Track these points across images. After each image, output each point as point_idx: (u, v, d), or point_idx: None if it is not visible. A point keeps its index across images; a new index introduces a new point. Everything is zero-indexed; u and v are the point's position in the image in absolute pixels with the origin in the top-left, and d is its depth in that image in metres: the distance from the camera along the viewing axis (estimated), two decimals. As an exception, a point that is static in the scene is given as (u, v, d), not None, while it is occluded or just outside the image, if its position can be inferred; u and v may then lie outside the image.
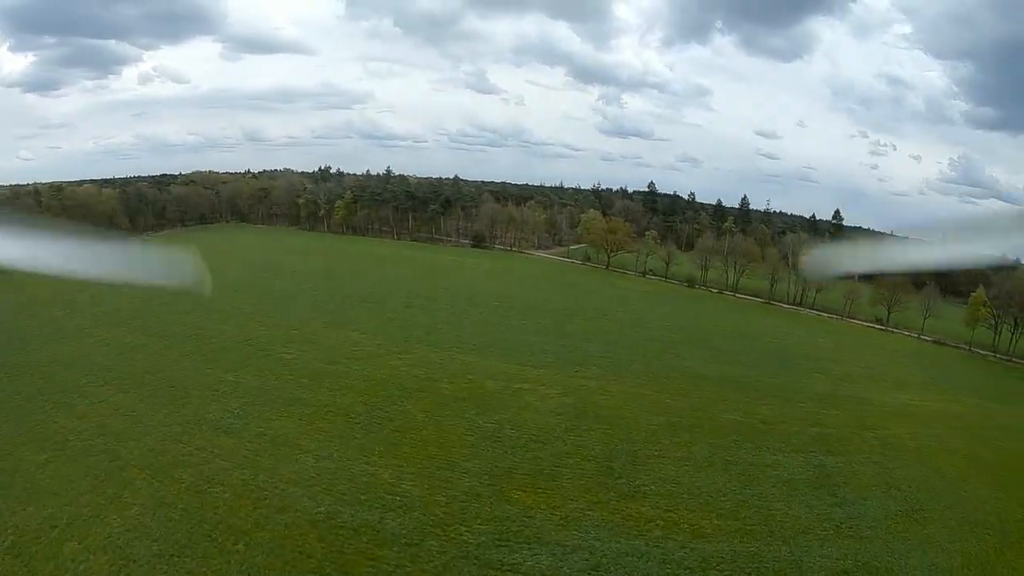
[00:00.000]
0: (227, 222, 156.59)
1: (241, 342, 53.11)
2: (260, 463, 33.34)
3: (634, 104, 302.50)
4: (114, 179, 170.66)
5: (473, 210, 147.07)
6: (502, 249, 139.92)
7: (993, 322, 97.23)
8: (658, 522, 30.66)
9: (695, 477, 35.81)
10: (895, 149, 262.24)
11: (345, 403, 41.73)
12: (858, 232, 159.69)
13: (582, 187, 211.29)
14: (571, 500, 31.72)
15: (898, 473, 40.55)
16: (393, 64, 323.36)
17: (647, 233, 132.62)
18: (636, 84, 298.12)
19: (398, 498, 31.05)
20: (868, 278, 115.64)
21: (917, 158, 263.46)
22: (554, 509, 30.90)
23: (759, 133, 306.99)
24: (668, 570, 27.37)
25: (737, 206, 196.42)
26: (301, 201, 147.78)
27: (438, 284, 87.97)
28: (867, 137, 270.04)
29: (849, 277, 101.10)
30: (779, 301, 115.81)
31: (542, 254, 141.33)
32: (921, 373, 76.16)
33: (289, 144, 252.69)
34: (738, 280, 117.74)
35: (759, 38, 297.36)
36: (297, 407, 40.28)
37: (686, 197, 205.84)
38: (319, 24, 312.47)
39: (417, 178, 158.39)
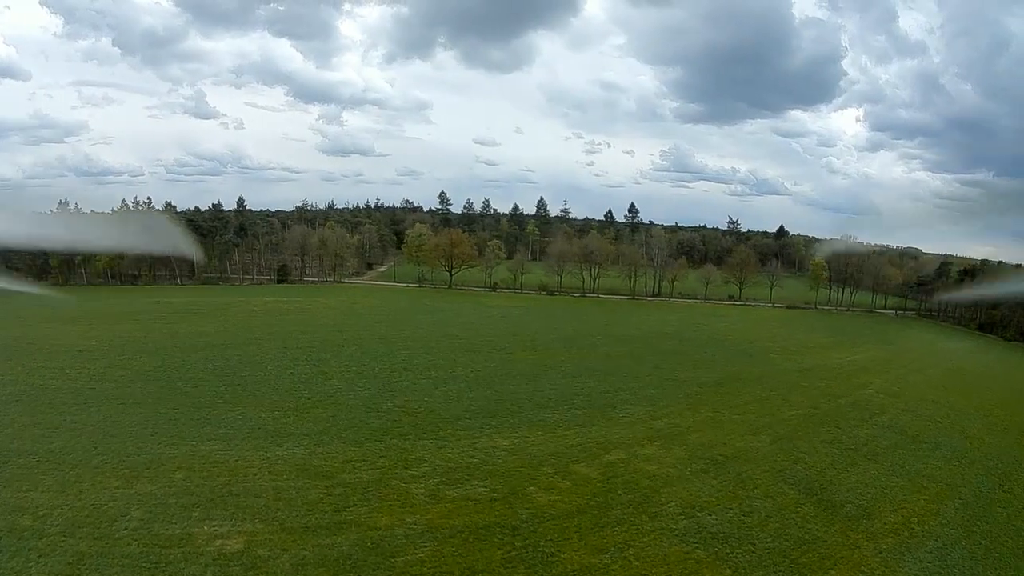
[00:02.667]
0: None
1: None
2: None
3: (354, 121, 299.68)
4: None
5: (271, 238, 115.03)
6: (314, 282, 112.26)
7: (829, 283, 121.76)
8: (912, 521, 30.54)
9: (861, 474, 35.92)
10: (609, 146, 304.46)
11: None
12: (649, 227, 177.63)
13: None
14: (853, 548, 27.42)
15: (925, 413, 49.75)
16: (109, 89, 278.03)
17: (489, 244, 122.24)
18: (357, 101, 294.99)
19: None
20: (718, 262, 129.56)
21: (630, 152, 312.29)
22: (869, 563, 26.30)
23: (478, 142, 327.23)
24: (976, 539, 29.36)
25: (534, 211, 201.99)
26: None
27: (303, 338, 58.38)
28: (582, 138, 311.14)
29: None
30: (639, 295, 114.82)
31: (365, 281, 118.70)
32: (819, 334, 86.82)
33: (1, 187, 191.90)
34: (596, 281, 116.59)
35: (480, 51, 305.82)
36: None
37: (479, 208, 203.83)
38: (34, 43, 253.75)
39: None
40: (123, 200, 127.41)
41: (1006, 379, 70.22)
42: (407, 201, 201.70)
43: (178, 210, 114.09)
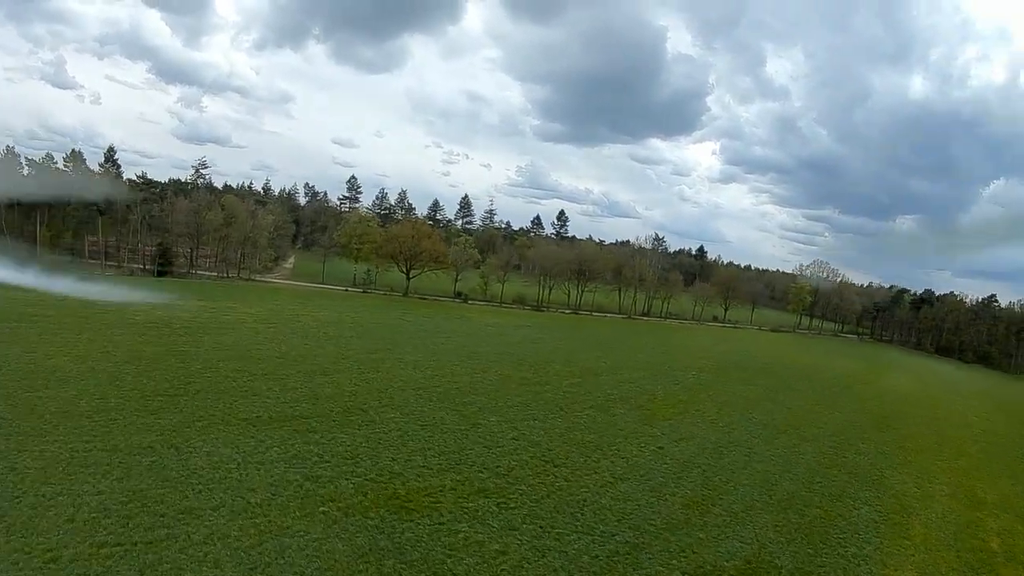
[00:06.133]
0: None
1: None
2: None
3: (214, 108, 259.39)
4: None
5: (156, 206, 73.54)
6: (214, 277, 74.20)
7: (811, 310, 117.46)
8: None
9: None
10: (468, 158, 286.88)
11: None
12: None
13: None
14: None
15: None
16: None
17: (458, 241, 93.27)
18: (220, 87, 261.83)
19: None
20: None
21: (488, 166, 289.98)
22: None
23: (336, 142, 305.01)
24: None
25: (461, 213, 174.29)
26: None
27: (267, 390, 27.91)
28: (441, 147, 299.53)
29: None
30: (626, 314, 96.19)
31: (282, 281, 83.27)
32: (840, 358, 79.43)
33: None
34: (582, 296, 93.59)
35: (353, 48, 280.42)
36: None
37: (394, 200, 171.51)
38: None
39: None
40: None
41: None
42: (308, 186, 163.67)
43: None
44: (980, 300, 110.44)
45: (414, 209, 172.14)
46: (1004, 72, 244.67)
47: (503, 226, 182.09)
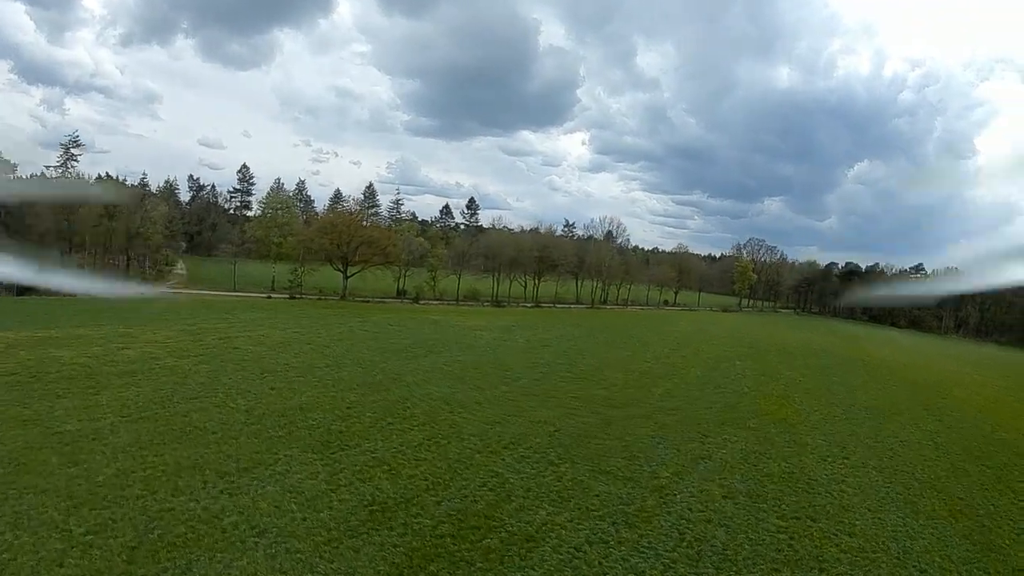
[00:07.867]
0: None
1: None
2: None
3: (77, 110, 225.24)
4: None
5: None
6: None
7: (751, 288, 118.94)
8: None
9: None
10: (337, 156, 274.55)
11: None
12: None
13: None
14: None
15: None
16: None
17: (400, 229, 78.16)
18: (83, 87, 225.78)
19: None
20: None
21: (357, 163, 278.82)
22: None
23: (203, 143, 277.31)
24: None
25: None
26: None
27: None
28: (310, 145, 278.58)
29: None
30: (587, 303, 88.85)
31: (184, 291, 63.70)
32: (807, 332, 79.20)
33: None
34: (539, 287, 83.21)
35: (221, 44, 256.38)
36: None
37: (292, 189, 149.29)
38: None
39: None
40: None
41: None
42: (193, 179, 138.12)
43: None
44: (906, 270, 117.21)
45: (313, 201, 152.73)
46: (868, 64, 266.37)
47: (411, 218, 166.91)
